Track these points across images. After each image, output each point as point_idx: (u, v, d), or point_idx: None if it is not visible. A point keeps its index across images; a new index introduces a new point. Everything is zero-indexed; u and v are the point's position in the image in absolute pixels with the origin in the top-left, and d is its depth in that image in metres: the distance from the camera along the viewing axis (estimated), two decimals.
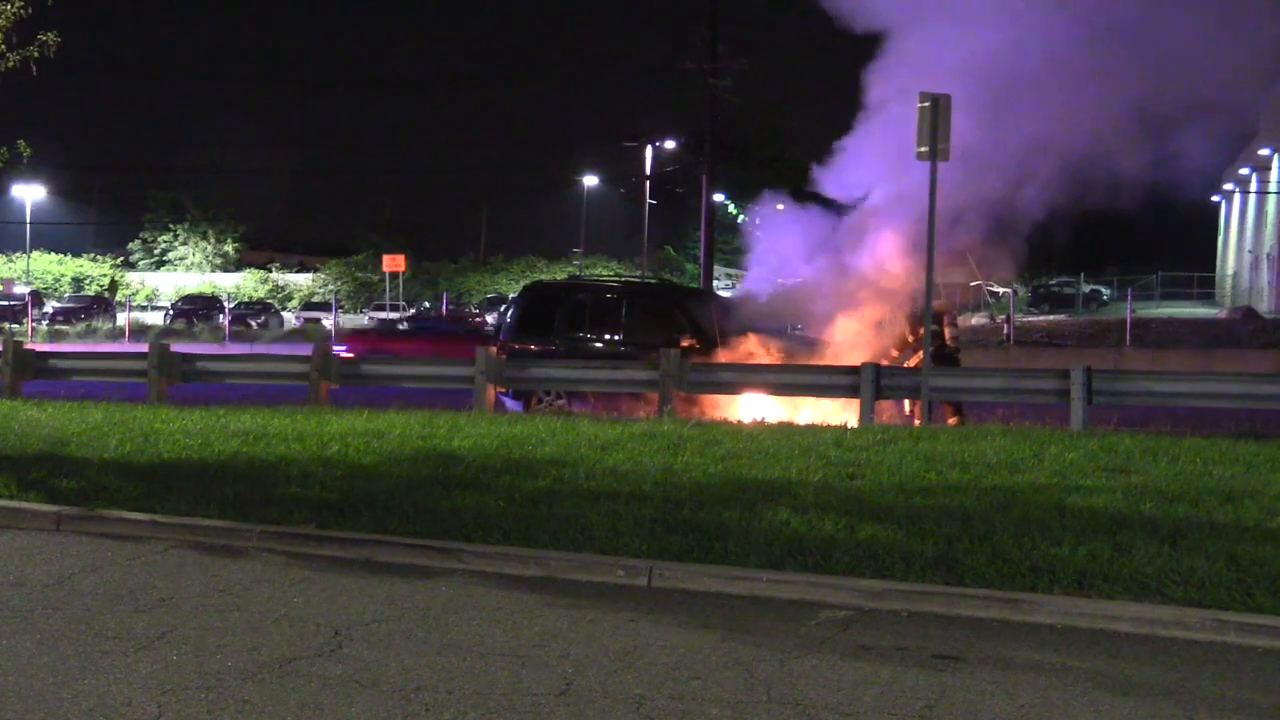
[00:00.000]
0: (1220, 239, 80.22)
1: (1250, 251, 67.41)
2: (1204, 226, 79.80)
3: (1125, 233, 71.41)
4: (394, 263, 52.30)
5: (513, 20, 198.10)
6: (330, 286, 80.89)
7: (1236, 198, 73.18)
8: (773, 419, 17.74)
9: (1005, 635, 7.32)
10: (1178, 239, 75.30)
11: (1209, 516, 9.68)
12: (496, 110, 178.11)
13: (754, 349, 19.23)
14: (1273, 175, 60.70)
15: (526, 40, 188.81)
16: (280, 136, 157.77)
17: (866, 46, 19.95)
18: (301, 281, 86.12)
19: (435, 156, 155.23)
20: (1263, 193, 63.65)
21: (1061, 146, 18.71)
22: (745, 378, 18.54)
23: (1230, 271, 74.25)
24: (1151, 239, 74.17)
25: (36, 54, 15.26)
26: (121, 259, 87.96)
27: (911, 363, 18.08)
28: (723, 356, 18.87)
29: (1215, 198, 78.43)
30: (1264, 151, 60.03)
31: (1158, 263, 75.18)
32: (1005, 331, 43.39)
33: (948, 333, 18.58)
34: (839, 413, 18.29)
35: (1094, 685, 6.40)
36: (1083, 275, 70.34)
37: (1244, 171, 66.42)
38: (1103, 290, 73.46)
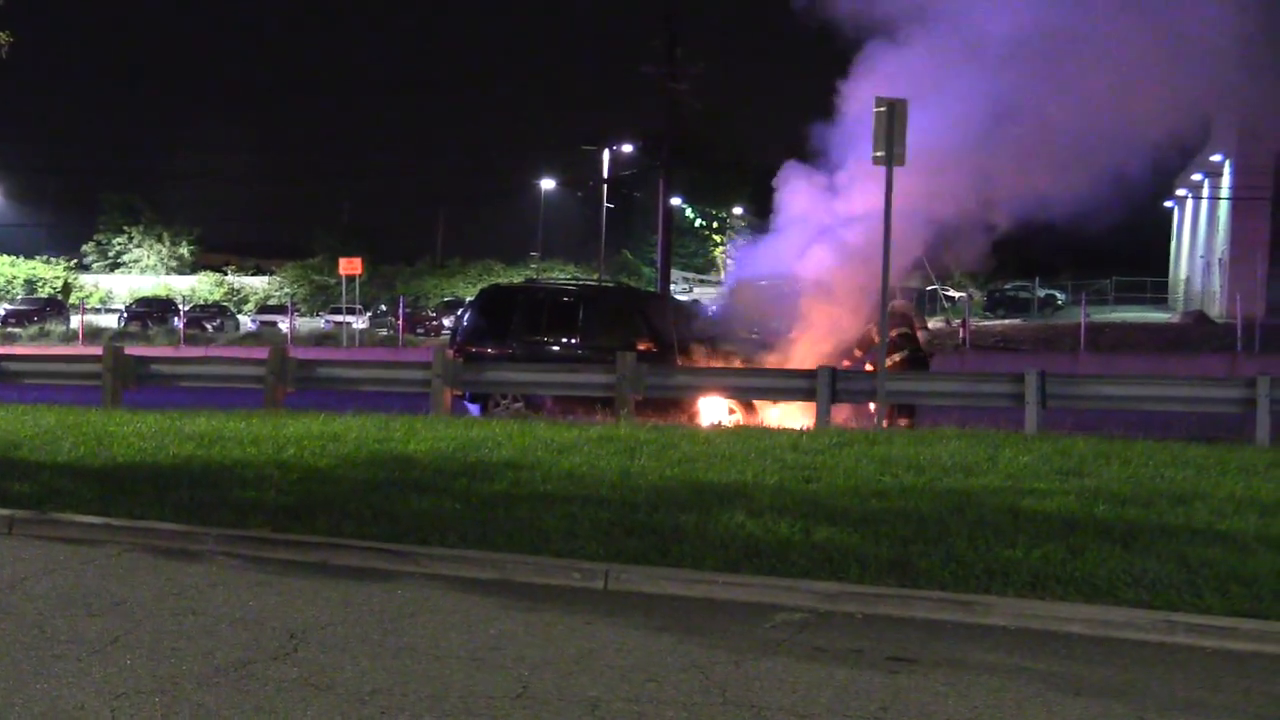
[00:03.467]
0: (1173, 244, 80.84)
1: (1202, 256, 67.98)
2: (1157, 231, 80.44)
3: (1079, 237, 71.91)
4: (350, 266, 51.93)
5: (469, 23, 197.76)
6: (286, 290, 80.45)
7: (1189, 203, 73.77)
8: (729, 422, 17.81)
9: (959, 637, 7.36)
10: (1131, 244, 75.93)
11: (1160, 519, 9.77)
12: (453, 114, 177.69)
13: (711, 353, 19.28)
14: (1224, 181, 61.25)
15: (483, 43, 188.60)
16: (236, 139, 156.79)
17: (828, 50, 20.07)
18: (257, 284, 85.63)
19: (392, 160, 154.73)
20: (1215, 198, 64.22)
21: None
22: (702, 381, 18.60)
23: (1183, 276, 74.84)
24: (1105, 244, 74.70)
25: None
26: (75, 261, 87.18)
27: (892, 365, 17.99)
28: (679, 360, 18.90)
29: (1168, 203, 79.06)
30: (1216, 157, 60.63)
31: (1112, 267, 75.70)
32: (961, 336, 43.69)
33: (920, 336, 18.67)
34: (797, 416, 18.37)
35: (1046, 686, 6.44)
36: (1038, 280, 70.79)
37: (1196, 177, 67.03)
38: (1058, 295, 73.96)
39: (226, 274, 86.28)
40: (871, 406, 17.93)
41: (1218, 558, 8.40)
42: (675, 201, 62.33)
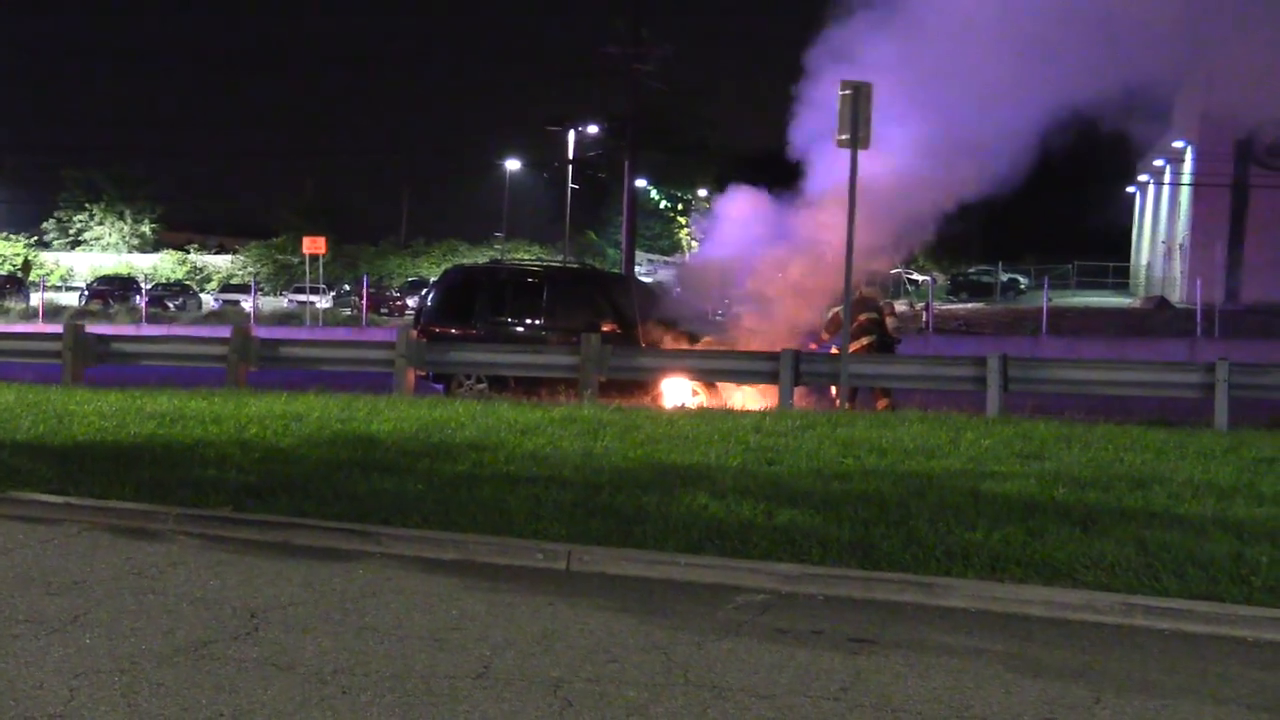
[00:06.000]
0: (1135, 229, 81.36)
1: (1164, 242, 68.46)
2: (1119, 217, 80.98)
3: (1043, 222, 72.42)
4: (314, 245, 51.61)
5: (436, 1, 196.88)
6: (249, 269, 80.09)
7: (1151, 189, 74.27)
8: (693, 404, 17.83)
9: (919, 618, 7.40)
10: (1094, 229, 76.42)
11: (1119, 502, 9.85)
12: (419, 93, 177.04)
13: (675, 334, 19.29)
14: (1185, 167, 61.64)
15: (449, 22, 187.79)
16: (199, 117, 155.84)
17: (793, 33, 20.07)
18: (220, 263, 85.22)
19: (357, 139, 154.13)
20: (1176, 184, 64.64)
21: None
22: (665, 363, 18.61)
23: (1144, 261, 75.35)
24: (1068, 228, 75.19)
25: None
26: (35, 238, 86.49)
27: (853, 348, 17.91)
28: (643, 341, 18.91)
29: (1130, 188, 79.54)
30: (1177, 144, 61.00)
31: (1074, 252, 76.13)
32: (924, 319, 43.84)
33: (889, 321, 18.71)
34: (761, 398, 18.41)
35: (1005, 667, 6.49)
36: (1000, 264, 71.10)
37: (1158, 163, 67.46)
38: (1020, 279, 74.32)
39: (189, 253, 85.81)
40: (833, 390, 17.97)
41: (1175, 541, 8.47)
42: (640, 183, 62.29)
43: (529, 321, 20.05)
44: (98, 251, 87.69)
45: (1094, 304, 58.62)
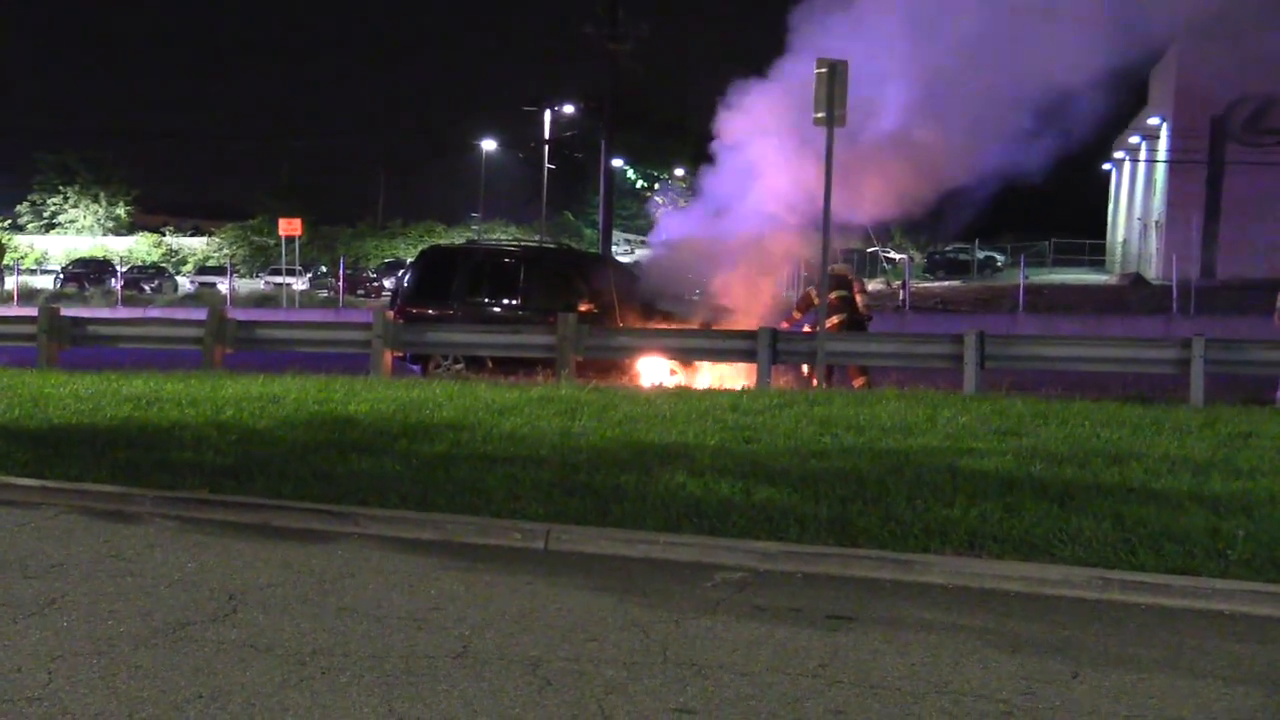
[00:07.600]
0: (1111, 206, 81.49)
1: (1139, 219, 68.60)
2: (1095, 194, 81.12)
3: (1019, 200, 72.54)
4: (290, 227, 51.42)
5: None
6: (225, 251, 79.77)
7: (1127, 166, 74.38)
8: (670, 383, 17.84)
9: (897, 595, 7.42)
10: (1070, 206, 76.55)
11: (1096, 478, 9.89)
12: (395, 73, 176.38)
13: (652, 314, 19.28)
14: (1161, 144, 61.77)
15: (426, 2, 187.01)
16: (175, 99, 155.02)
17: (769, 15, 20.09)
18: (196, 246, 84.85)
19: (333, 120, 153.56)
20: (1152, 161, 64.77)
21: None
22: (642, 343, 18.59)
23: (1120, 239, 75.49)
24: (1044, 206, 75.26)
25: None
26: (9, 221, 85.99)
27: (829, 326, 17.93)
28: (620, 321, 18.89)
29: (1106, 166, 79.66)
30: (1153, 120, 61.19)
31: (1050, 229, 76.26)
32: (901, 297, 43.93)
33: (860, 299, 18.73)
34: (738, 377, 18.43)
35: (983, 643, 6.51)
36: (977, 241, 71.18)
37: (1134, 140, 67.60)
38: (997, 256, 74.41)
39: (165, 235, 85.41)
40: (805, 369, 17.99)
41: (1152, 516, 8.51)
42: (617, 163, 62.16)
43: (506, 302, 20.01)
44: (73, 234, 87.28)
45: (1070, 281, 58.73)
